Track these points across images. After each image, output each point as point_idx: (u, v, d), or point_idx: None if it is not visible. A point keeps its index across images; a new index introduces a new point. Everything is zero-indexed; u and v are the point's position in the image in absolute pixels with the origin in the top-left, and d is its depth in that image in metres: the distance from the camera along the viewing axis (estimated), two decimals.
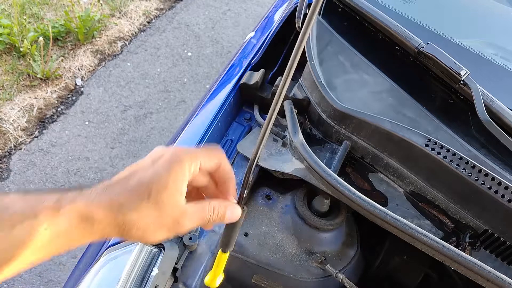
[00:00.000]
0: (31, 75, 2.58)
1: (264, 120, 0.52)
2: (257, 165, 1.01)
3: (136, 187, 0.45)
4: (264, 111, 1.15)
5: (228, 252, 0.63)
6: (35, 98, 2.51)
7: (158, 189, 0.45)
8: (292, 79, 1.16)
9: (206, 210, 0.50)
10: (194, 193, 0.54)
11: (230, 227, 0.59)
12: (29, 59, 2.60)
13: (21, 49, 2.62)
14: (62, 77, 2.66)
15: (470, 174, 0.89)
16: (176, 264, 0.82)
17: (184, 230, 0.49)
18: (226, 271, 0.93)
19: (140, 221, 0.44)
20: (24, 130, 2.36)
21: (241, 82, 1.13)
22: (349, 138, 1.02)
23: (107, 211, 0.43)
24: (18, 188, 2.12)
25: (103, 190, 0.44)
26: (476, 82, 1.00)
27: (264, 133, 0.51)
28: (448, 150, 0.92)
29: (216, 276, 0.65)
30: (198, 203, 0.50)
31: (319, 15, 1.19)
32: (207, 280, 0.66)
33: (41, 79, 2.60)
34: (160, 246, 0.83)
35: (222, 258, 0.63)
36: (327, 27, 1.16)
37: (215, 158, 0.51)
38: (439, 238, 0.81)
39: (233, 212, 0.53)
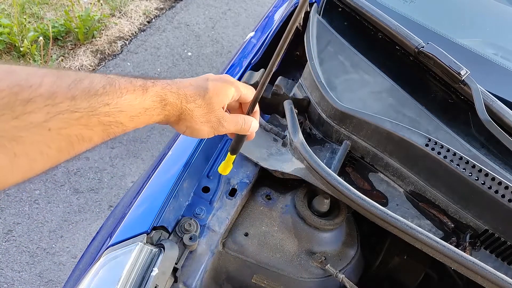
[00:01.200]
0: None
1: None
2: (257, 165, 1.01)
3: (198, 87, 0.59)
4: (264, 111, 1.15)
5: (235, 156, 0.79)
6: None
7: (212, 94, 0.60)
8: (292, 79, 1.17)
9: (239, 119, 0.66)
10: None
11: (240, 138, 0.75)
12: (29, 59, 2.60)
13: (21, 49, 2.62)
14: None
15: (470, 174, 0.89)
16: (176, 264, 0.82)
17: (223, 130, 0.64)
18: (226, 271, 0.93)
19: (194, 111, 0.58)
20: None
21: (241, 82, 1.13)
22: (349, 138, 1.02)
23: (176, 97, 0.56)
24: (18, 188, 2.12)
25: (174, 82, 0.57)
26: (476, 81, 1.00)
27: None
28: (448, 150, 0.92)
29: (227, 167, 0.83)
30: (235, 114, 0.67)
31: (319, 15, 1.19)
32: (220, 168, 0.85)
33: None
34: (160, 246, 0.83)
35: (231, 158, 0.81)
36: (327, 27, 1.16)
37: (250, 93, 0.68)
38: (439, 238, 0.81)
39: (255, 124, 0.70)
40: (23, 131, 0.38)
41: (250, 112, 0.69)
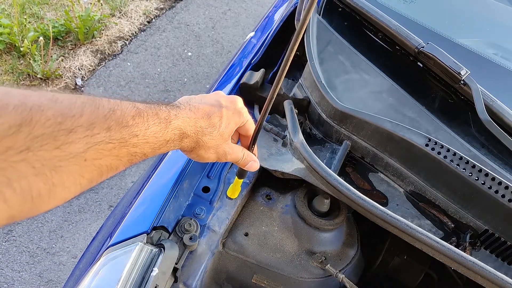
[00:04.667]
0: (31, 75, 2.58)
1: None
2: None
3: (214, 118, 0.61)
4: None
5: (242, 180, 0.85)
6: None
7: (225, 125, 0.62)
8: (292, 79, 1.17)
9: (240, 154, 0.69)
10: None
11: None
12: (29, 59, 2.60)
13: (21, 49, 2.62)
14: (62, 77, 2.66)
15: (470, 174, 0.89)
16: (176, 264, 0.82)
17: (225, 160, 0.66)
18: (226, 271, 0.93)
19: (208, 143, 0.61)
20: None
21: (241, 82, 1.13)
22: (349, 138, 1.02)
23: (193, 131, 0.58)
24: None
25: (190, 112, 0.58)
26: (476, 82, 1.00)
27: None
28: (448, 150, 0.92)
29: (235, 191, 0.91)
30: (238, 147, 0.68)
31: (319, 15, 1.19)
32: (228, 192, 0.94)
33: (41, 79, 2.60)
34: (160, 246, 0.83)
35: (239, 182, 0.87)
36: (327, 27, 1.16)
37: (251, 122, 0.70)
38: (439, 238, 0.81)
39: (254, 164, 0.72)
40: (63, 161, 0.39)
41: (250, 148, 0.72)
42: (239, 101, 0.67)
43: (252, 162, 0.72)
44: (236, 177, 0.87)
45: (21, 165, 0.36)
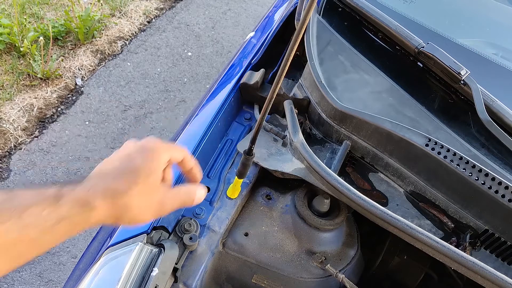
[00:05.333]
0: (31, 75, 2.58)
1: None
2: (257, 165, 1.01)
3: (127, 174, 0.51)
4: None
5: (242, 179, 0.86)
6: (35, 98, 2.51)
7: (146, 175, 0.52)
8: (292, 79, 1.17)
9: (181, 194, 0.59)
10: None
11: (246, 162, 0.79)
12: (29, 59, 2.60)
13: (21, 49, 2.62)
14: (62, 77, 2.66)
15: (470, 174, 0.89)
16: (176, 264, 0.82)
17: (167, 211, 0.56)
18: (226, 271, 0.93)
19: (132, 203, 0.51)
20: (24, 130, 2.36)
21: (241, 82, 1.13)
22: (349, 138, 1.02)
23: (104, 198, 0.48)
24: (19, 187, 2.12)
25: (97, 179, 0.50)
26: (476, 81, 1.00)
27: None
28: (448, 150, 0.92)
29: (235, 190, 0.91)
30: (175, 189, 0.58)
31: (319, 15, 1.19)
32: (228, 192, 0.94)
33: (41, 79, 2.60)
34: (160, 246, 0.83)
35: (238, 182, 0.87)
36: (327, 27, 1.16)
37: (181, 151, 0.61)
38: (439, 238, 0.81)
39: (201, 194, 0.62)
40: None
41: (191, 180, 0.64)
42: (152, 141, 0.56)
43: (197, 198, 0.61)
44: (236, 177, 0.87)
45: None
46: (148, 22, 3.26)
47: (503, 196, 0.86)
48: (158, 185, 0.54)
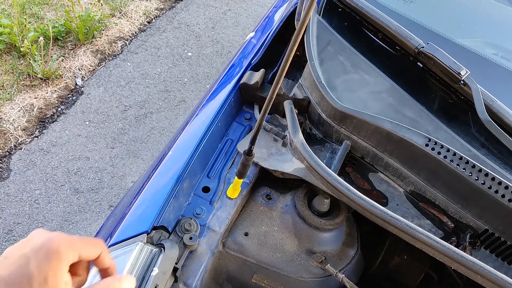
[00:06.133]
0: (31, 75, 2.58)
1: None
2: (257, 165, 1.01)
3: (19, 284, 0.44)
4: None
5: (242, 179, 0.87)
6: (35, 98, 2.51)
7: (39, 284, 0.44)
8: (292, 79, 1.17)
9: None
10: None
11: (245, 162, 0.80)
12: (29, 59, 2.60)
13: (21, 49, 2.62)
14: (62, 77, 2.66)
15: (470, 174, 0.89)
16: (176, 264, 0.82)
17: None
18: (226, 271, 0.93)
19: None
20: (24, 130, 2.36)
21: (241, 82, 1.13)
22: (349, 138, 1.02)
23: None
24: (18, 188, 2.12)
25: None
26: (476, 82, 1.00)
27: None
28: (448, 150, 0.92)
29: (235, 190, 0.92)
30: (92, 286, 0.50)
31: (319, 15, 1.19)
32: (228, 192, 0.94)
33: (41, 79, 2.60)
34: (160, 246, 0.83)
35: (238, 182, 0.88)
36: (327, 27, 1.16)
37: (95, 247, 0.52)
38: (439, 238, 0.81)
39: (129, 283, 0.53)
40: None
41: (104, 272, 0.56)
42: (55, 240, 0.47)
43: (125, 284, 0.53)
44: (236, 177, 0.87)
45: None
46: (148, 22, 3.27)
47: (503, 196, 0.86)
48: None
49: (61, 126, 2.44)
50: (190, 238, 0.86)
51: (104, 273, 0.55)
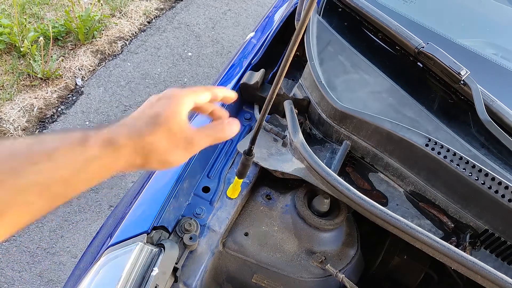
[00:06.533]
0: (31, 75, 2.58)
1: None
2: (257, 165, 1.01)
3: (150, 117, 0.53)
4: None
5: (242, 179, 0.87)
6: (35, 98, 2.51)
7: (167, 116, 0.53)
8: (292, 79, 1.17)
9: (212, 130, 0.60)
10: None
11: (245, 163, 0.80)
12: (29, 59, 2.60)
13: (21, 49, 2.62)
14: (62, 77, 2.66)
15: (470, 174, 0.89)
16: (176, 263, 0.82)
17: (197, 148, 0.57)
18: (226, 271, 0.94)
19: (157, 143, 0.52)
20: (24, 130, 2.36)
21: (241, 82, 1.13)
22: (349, 138, 1.03)
23: (128, 137, 0.50)
24: None
25: (121, 123, 0.53)
26: (476, 82, 1.00)
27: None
28: (448, 150, 0.92)
29: (235, 190, 0.92)
30: (204, 126, 0.60)
31: (319, 15, 1.19)
32: (228, 192, 0.95)
33: (41, 79, 2.60)
34: (160, 246, 0.83)
35: (238, 182, 0.88)
36: (327, 27, 1.16)
37: (205, 93, 0.61)
38: (439, 238, 0.81)
39: (232, 126, 0.62)
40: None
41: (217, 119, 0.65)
42: (171, 90, 0.58)
43: (229, 130, 0.62)
44: (236, 177, 0.87)
45: None
46: (148, 22, 3.26)
47: (503, 196, 0.86)
48: (183, 126, 0.55)
49: (61, 126, 2.44)
50: (190, 238, 0.86)
51: (212, 114, 0.66)
